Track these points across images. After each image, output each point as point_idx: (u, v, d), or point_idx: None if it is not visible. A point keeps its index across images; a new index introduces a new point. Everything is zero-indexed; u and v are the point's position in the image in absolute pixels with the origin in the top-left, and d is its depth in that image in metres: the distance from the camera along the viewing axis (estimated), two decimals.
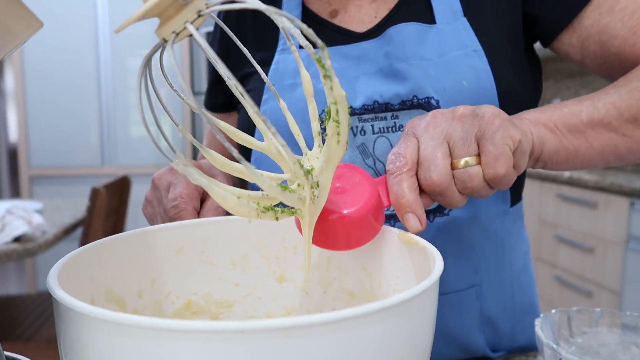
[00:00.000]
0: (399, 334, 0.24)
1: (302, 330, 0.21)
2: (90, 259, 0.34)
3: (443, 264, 0.29)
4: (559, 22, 0.55)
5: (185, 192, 0.46)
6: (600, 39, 0.54)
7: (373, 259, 0.41)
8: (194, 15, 0.25)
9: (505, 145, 0.38)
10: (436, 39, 0.54)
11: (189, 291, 0.42)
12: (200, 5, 0.25)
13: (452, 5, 0.55)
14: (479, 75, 0.52)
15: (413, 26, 0.54)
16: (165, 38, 0.26)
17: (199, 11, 0.25)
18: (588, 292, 1.98)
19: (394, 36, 0.54)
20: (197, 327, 0.21)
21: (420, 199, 0.38)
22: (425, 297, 0.26)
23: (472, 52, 0.53)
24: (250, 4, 0.25)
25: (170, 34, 0.25)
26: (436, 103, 0.52)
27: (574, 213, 2.05)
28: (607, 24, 0.53)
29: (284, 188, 0.29)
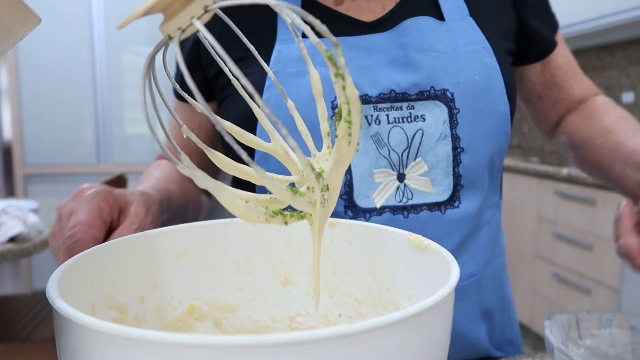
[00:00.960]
0: (418, 343, 0.23)
1: (318, 344, 0.20)
2: (90, 265, 0.33)
3: (459, 269, 0.28)
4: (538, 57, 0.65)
5: (85, 219, 0.39)
6: (554, 73, 0.66)
7: (381, 263, 0.39)
8: (201, 11, 0.24)
9: None
10: (448, 34, 0.56)
11: (192, 296, 0.41)
12: (207, 0, 0.24)
13: (458, 5, 0.58)
14: (489, 71, 0.55)
15: (428, 20, 0.56)
16: (170, 35, 0.24)
17: (206, 6, 0.24)
18: (587, 289, 1.98)
19: (409, 28, 0.55)
20: (205, 342, 0.20)
21: None
22: (444, 304, 0.25)
23: (481, 48, 0.55)
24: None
25: (176, 31, 0.24)
26: (451, 95, 0.53)
27: (573, 210, 2.04)
28: (561, 63, 0.66)
29: (294, 192, 0.28)
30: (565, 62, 0.67)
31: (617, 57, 2.45)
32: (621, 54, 2.42)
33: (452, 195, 0.55)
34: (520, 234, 2.39)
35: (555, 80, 0.67)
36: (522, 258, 2.38)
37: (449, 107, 0.53)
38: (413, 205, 0.53)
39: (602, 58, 2.54)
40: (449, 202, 0.54)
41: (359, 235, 0.41)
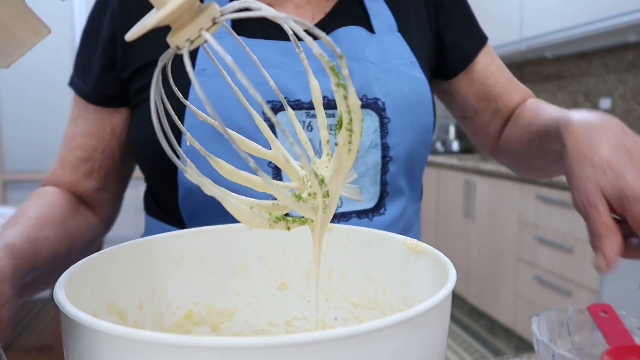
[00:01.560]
0: (420, 343, 0.24)
1: (327, 344, 0.21)
2: (92, 271, 0.33)
3: (455, 271, 0.29)
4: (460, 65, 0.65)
5: None
6: (485, 82, 0.66)
7: (376, 267, 0.40)
8: (209, 23, 0.25)
9: None
10: (379, 47, 0.58)
11: (190, 301, 0.41)
12: (215, 12, 0.25)
13: (387, 19, 0.60)
14: (418, 84, 0.57)
15: (360, 30, 0.57)
16: (178, 45, 0.25)
17: (214, 19, 0.25)
18: (567, 291, 2.02)
19: (342, 37, 0.56)
20: (220, 344, 0.20)
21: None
22: (444, 305, 0.26)
23: (409, 62, 0.58)
24: (266, 12, 0.24)
25: (185, 42, 0.25)
26: (382, 105, 0.55)
27: (554, 214, 2.09)
28: (493, 71, 0.66)
29: (298, 198, 0.28)
30: (497, 70, 0.67)
31: (595, 64, 2.51)
32: (598, 61, 2.49)
33: (379, 202, 0.57)
34: (502, 237, 2.43)
35: (488, 90, 0.66)
36: (505, 261, 2.42)
37: (380, 116, 0.55)
38: (343, 213, 0.54)
39: (580, 65, 2.60)
40: (376, 209, 0.56)
41: (354, 240, 0.42)
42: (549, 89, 2.82)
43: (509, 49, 2.61)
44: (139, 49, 0.56)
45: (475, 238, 2.63)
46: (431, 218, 3.10)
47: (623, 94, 2.37)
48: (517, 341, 2.39)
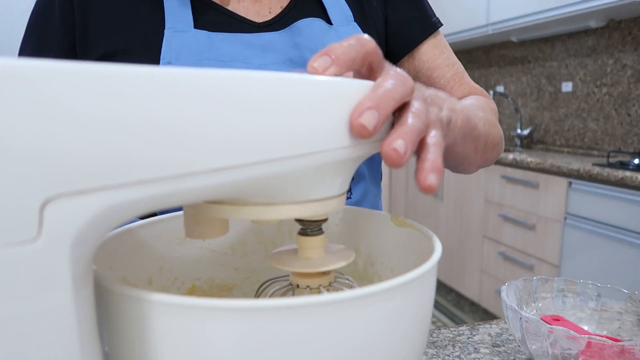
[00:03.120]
0: (415, 303, 0.28)
1: (337, 304, 0.25)
2: (107, 251, 0.36)
3: (440, 245, 0.34)
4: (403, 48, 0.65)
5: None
6: (431, 75, 0.65)
7: (365, 242, 0.44)
8: (326, 282, 0.35)
9: None
10: (337, 37, 0.58)
11: (193, 277, 0.44)
12: (332, 278, 0.35)
13: (344, 10, 0.61)
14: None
15: (319, 22, 0.58)
16: (299, 284, 0.34)
17: (330, 283, 0.35)
18: (530, 265, 2.13)
19: (303, 29, 0.57)
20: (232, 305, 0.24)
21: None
22: (433, 271, 0.30)
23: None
24: None
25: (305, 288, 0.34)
26: None
27: (517, 193, 2.18)
28: (439, 64, 0.66)
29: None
30: (444, 64, 0.66)
31: (557, 49, 2.61)
32: (561, 46, 2.58)
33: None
34: (469, 216, 2.52)
35: (432, 83, 0.66)
36: (471, 239, 2.52)
37: None
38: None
39: (543, 50, 2.70)
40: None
41: (345, 219, 0.45)
42: (513, 72, 2.91)
43: (477, 32, 2.67)
44: (106, 34, 0.55)
45: (444, 218, 2.72)
46: (401, 200, 3.18)
47: (583, 77, 2.47)
48: (483, 314, 2.51)
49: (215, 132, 0.23)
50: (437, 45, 0.67)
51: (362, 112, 0.27)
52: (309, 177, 0.28)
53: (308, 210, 0.29)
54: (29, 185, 0.18)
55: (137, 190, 0.21)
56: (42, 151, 0.19)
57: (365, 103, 0.27)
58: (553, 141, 2.67)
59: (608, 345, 0.44)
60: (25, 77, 0.18)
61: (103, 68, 0.20)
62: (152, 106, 0.21)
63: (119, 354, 0.28)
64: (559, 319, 0.55)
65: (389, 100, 0.28)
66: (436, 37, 0.67)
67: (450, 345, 0.58)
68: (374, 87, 0.28)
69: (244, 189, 0.26)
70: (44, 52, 0.57)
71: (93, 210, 0.20)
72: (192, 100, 0.22)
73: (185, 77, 0.22)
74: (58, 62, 0.19)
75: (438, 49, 0.67)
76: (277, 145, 0.25)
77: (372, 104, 0.27)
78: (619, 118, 2.30)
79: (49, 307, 0.20)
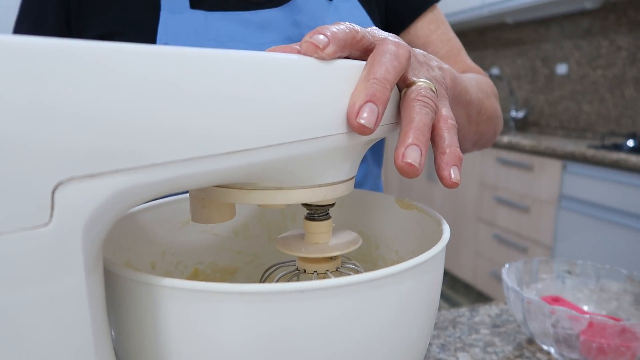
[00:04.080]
0: (425, 285, 0.28)
1: (348, 288, 0.25)
2: (111, 234, 0.35)
3: (448, 227, 0.33)
4: (402, 22, 0.63)
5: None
6: (425, 50, 0.63)
7: (370, 225, 0.44)
8: (333, 268, 0.34)
9: None
10: (336, 14, 0.57)
11: (196, 261, 0.44)
12: (338, 263, 0.35)
13: None
14: None
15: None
16: (305, 270, 0.34)
17: (337, 268, 0.35)
18: (524, 248, 2.15)
19: (302, 6, 0.55)
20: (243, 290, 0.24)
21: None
22: (441, 254, 0.29)
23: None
24: None
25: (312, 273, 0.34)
26: None
27: (512, 175, 2.19)
28: (433, 40, 0.64)
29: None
30: (438, 40, 0.65)
31: (553, 30, 2.60)
32: (556, 27, 2.57)
33: None
34: (464, 199, 2.53)
35: None
36: (466, 221, 2.53)
37: None
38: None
39: (538, 31, 2.68)
40: None
41: (348, 201, 0.45)
42: (508, 54, 2.90)
43: (472, 14, 2.65)
44: (101, 16, 0.54)
45: (438, 200, 2.73)
46: (395, 182, 3.19)
47: (579, 59, 2.47)
48: (477, 296, 2.54)
49: (228, 116, 0.22)
50: (433, 20, 0.66)
51: (359, 109, 0.25)
52: (319, 161, 0.28)
53: (318, 194, 0.29)
54: (40, 169, 0.18)
55: (149, 174, 0.21)
56: (53, 134, 0.18)
57: (360, 97, 0.26)
58: (547, 123, 2.68)
59: (610, 325, 0.44)
60: (32, 57, 0.18)
61: (103, 46, 0.19)
62: (162, 89, 0.20)
63: (126, 338, 0.28)
64: (558, 299, 0.56)
65: (384, 84, 0.26)
66: (433, 12, 0.66)
67: (451, 326, 0.58)
68: (367, 71, 0.27)
69: (254, 172, 0.26)
70: (40, 34, 0.55)
71: (105, 194, 0.20)
72: (205, 83, 0.22)
73: (196, 57, 0.22)
74: (68, 40, 0.18)
75: (434, 24, 0.65)
76: (288, 128, 0.25)
77: (367, 97, 0.26)
78: (613, 100, 2.30)
79: (61, 291, 0.19)
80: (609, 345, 0.45)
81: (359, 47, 0.28)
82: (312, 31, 0.27)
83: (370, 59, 0.28)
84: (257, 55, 0.23)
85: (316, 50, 0.26)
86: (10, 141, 0.17)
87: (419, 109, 0.28)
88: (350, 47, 0.28)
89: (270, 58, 0.24)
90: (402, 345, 0.28)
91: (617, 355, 0.46)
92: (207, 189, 0.30)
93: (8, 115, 0.17)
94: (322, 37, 0.26)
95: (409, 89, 0.29)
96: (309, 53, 0.26)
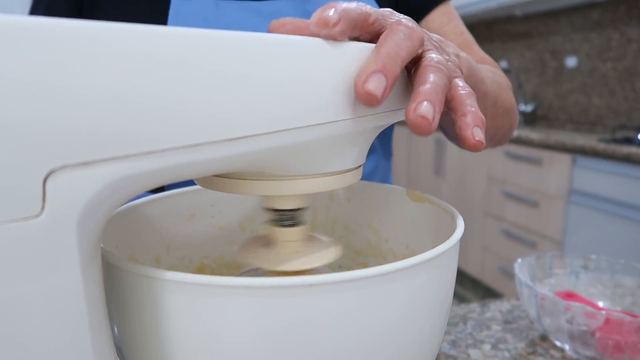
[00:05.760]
0: (440, 279, 0.27)
1: (362, 281, 0.23)
2: (113, 228, 0.34)
3: (462, 220, 0.32)
4: (415, 15, 0.62)
5: None
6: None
7: (379, 218, 0.43)
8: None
9: None
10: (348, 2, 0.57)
11: (201, 255, 0.43)
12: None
13: None
14: None
15: None
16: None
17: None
18: (533, 243, 2.13)
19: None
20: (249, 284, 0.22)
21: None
22: (456, 246, 0.28)
23: None
24: None
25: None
26: None
27: (521, 170, 2.17)
28: (446, 32, 0.63)
29: None
30: (450, 32, 0.64)
31: (562, 23, 2.56)
32: (565, 20, 2.54)
33: None
34: (472, 193, 2.51)
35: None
36: (474, 216, 2.51)
37: None
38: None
39: (547, 24, 2.65)
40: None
41: (357, 193, 0.44)
42: (517, 47, 2.87)
43: (480, 6, 2.62)
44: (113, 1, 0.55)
45: (446, 195, 2.71)
46: (402, 176, 3.17)
47: (588, 52, 2.43)
48: (484, 291, 2.52)
49: (230, 100, 0.21)
50: (445, 13, 0.65)
51: (367, 77, 0.24)
52: (326, 148, 0.26)
53: (326, 183, 0.28)
54: (31, 156, 0.17)
55: (146, 162, 0.20)
56: (44, 120, 0.17)
57: (370, 67, 0.24)
58: (557, 117, 2.65)
59: (627, 322, 0.43)
60: (21, 37, 0.16)
61: (98, 25, 0.18)
62: (161, 71, 0.19)
63: (129, 333, 0.27)
64: (572, 295, 0.54)
65: (395, 59, 0.25)
66: (445, 5, 0.66)
67: (462, 322, 0.57)
68: (378, 47, 0.26)
69: (258, 160, 0.24)
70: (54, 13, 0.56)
71: (99, 183, 0.19)
72: (205, 65, 0.20)
73: (196, 38, 0.20)
74: (60, 20, 0.17)
75: (446, 17, 0.65)
76: (293, 113, 0.23)
77: (377, 66, 0.24)
78: (623, 93, 2.27)
79: (56, 286, 0.18)
80: (626, 342, 0.44)
81: (370, 30, 0.27)
82: (323, 6, 0.26)
83: (382, 37, 0.26)
84: (260, 36, 0.22)
85: (325, 26, 0.24)
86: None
87: (433, 72, 0.26)
88: (360, 29, 0.26)
89: (274, 39, 0.23)
90: (415, 342, 0.26)
91: (634, 352, 0.44)
92: (208, 179, 0.28)
93: None
94: (333, 14, 0.25)
95: (421, 59, 0.28)
96: (318, 28, 0.25)
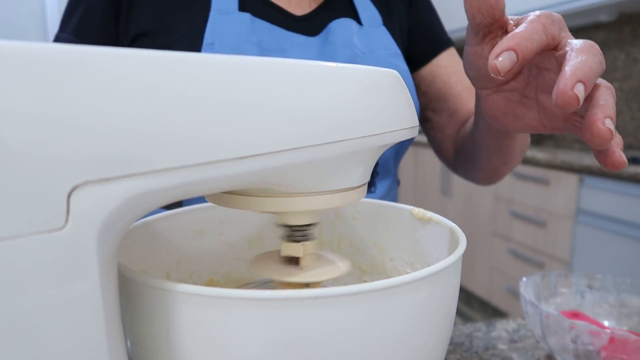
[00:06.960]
0: (442, 294, 0.27)
1: (364, 295, 0.24)
2: (126, 243, 0.36)
3: (465, 237, 0.33)
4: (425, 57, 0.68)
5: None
6: (448, 79, 0.67)
7: (384, 236, 0.44)
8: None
9: None
10: (366, 38, 0.62)
11: (210, 271, 0.44)
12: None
13: (373, 13, 0.64)
14: (403, 75, 0.61)
15: (351, 22, 0.61)
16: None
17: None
18: (540, 263, 2.11)
19: (336, 27, 0.60)
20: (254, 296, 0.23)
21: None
22: (459, 262, 0.29)
23: (394, 53, 0.62)
24: None
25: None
26: None
27: (528, 189, 2.17)
28: (457, 70, 0.67)
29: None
30: (461, 71, 0.67)
31: None
32: None
33: (370, 181, 0.61)
34: (478, 213, 2.51)
35: (448, 88, 0.67)
36: (480, 236, 2.50)
37: None
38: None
39: None
40: (368, 187, 0.60)
41: (363, 211, 0.45)
42: None
43: None
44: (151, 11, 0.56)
45: (453, 214, 2.70)
46: (409, 196, 3.17)
47: None
48: (492, 312, 2.49)
49: (240, 121, 0.22)
50: (453, 54, 0.70)
51: (500, 52, 0.26)
52: (333, 166, 0.27)
53: (333, 200, 0.29)
54: (56, 172, 0.18)
55: (163, 178, 0.21)
56: (69, 140, 0.18)
57: (505, 43, 0.26)
58: (563, 137, 2.65)
59: (632, 341, 0.43)
60: (45, 65, 0.18)
61: (115, 52, 0.19)
62: (177, 93, 0.21)
63: (140, 345, 0.27)
64: (577, 314, 0.54)
65: (531, 40, 0.27)
66: (450, 50, 0.70)
67: (467, 341, 0.57)
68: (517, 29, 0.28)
69: (268, 178, 0.25)
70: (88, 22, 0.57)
71: (120, 198, 0.20)
72: (217, 89, 0.22)
73: (208, 64, 0.22)
74: (81, 47, 0.18)
75: (455, 58, 0.70)
76: (301, 133, 0.25)
77: (511, 44, 0.26)
78: (630, 113, 2.27)
79: (76, 295, 0.19)
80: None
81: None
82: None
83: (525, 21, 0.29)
84: (269, 60, 0.24)
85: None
86: (27, 147, 0.17)
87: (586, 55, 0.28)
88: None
89: (282, 64, 0.24)
90: (418, 356, 0.27)
91: None
92: (221, 196, 0.30)
93: (24, 122, 0.17)
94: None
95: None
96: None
